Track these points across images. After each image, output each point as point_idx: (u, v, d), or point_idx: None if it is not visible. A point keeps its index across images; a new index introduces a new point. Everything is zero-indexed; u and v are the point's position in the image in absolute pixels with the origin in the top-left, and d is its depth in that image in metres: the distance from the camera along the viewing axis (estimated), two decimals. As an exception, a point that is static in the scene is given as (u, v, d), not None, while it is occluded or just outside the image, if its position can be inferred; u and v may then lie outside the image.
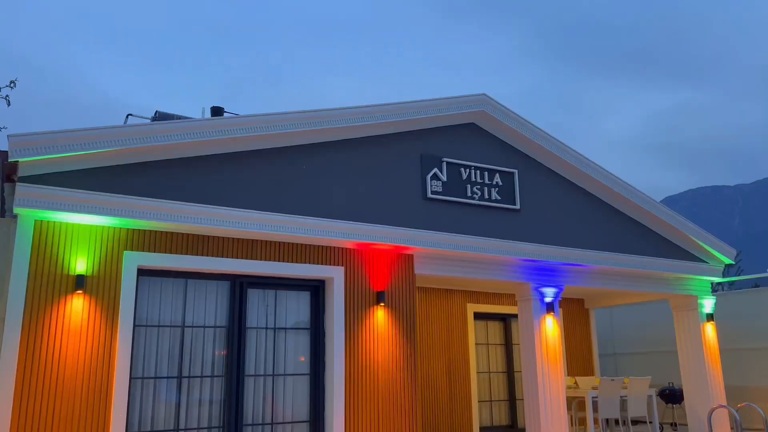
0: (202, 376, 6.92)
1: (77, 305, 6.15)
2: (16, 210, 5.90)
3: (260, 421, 7.14)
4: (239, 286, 7.29)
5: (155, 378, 6.68)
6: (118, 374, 6.19)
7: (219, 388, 6.99)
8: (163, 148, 6.60)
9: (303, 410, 7.43)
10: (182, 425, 6.70)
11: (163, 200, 6.45)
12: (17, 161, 5.82)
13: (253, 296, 7.43)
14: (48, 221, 6.17)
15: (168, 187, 6.58)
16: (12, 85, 10.96)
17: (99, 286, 6.30)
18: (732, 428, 10.83)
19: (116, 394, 6.15)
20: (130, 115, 10.22)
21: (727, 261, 10.92)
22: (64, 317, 6.07)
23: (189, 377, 6.85)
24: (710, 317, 10.86)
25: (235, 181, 6.98)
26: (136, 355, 6.61)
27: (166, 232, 6.74)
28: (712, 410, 8.25)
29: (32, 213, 6.02)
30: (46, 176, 5.99)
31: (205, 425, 6.82)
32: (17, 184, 5.83)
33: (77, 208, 6.05)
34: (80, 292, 6.18)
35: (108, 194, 6.19)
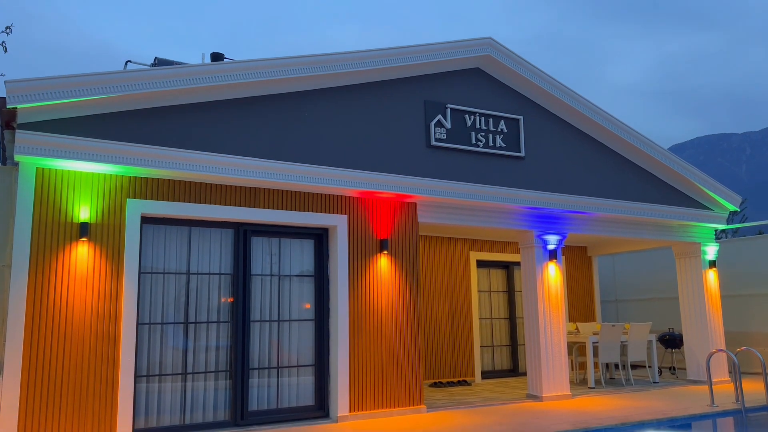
0: (208, 322, 7.03)
1: (82, 253, 6.19)
2: (17, 157, 5.87)
3: (266, 365, 7.29)
4: (243, 234, 7.31)
5: (162, 324, 6.79)
6: (125, 320, 6.29)
7: (225, 334, 7.11)
8: (164, 95, 6.50)
9: (308, 355, 7.57)
10: (190, 369, 6.85)
11: (166, 148, 6.40)
12: (15, 108, 5.76)
13: (257, 244, 7.46)
14: (49, 169, 6.14)
15: (170, 135, 6.51)
16: (8, 30, 10.75)
17: (103, 233, 6.32)
18: (730, 372, 11.02)
19: (124, 340, 6.26)
20: (129, 61, 10.03)
21: (732, 208, 10.88)
22: (69, 264, 6.12)
23: (195, 323, 6.96)
24: (713, 264, 10.91)
25: (237, 128, 6.90)
26: (143, 302, 6.70)
27: (169, 180, 6.72)
28: (711, 354, 8.37)
29: (33, 161, 5.98)
30: (46, 123, 5.93)
31: (212, 369, 6.97)
32: (16, 131, 5.78)
33: (78, 156, 6.01)
34: (84, 239, 6.21)
35: (110, 142, 6.14)
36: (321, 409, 7.47)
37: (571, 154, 9.42)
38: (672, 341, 11.96)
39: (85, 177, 6.31)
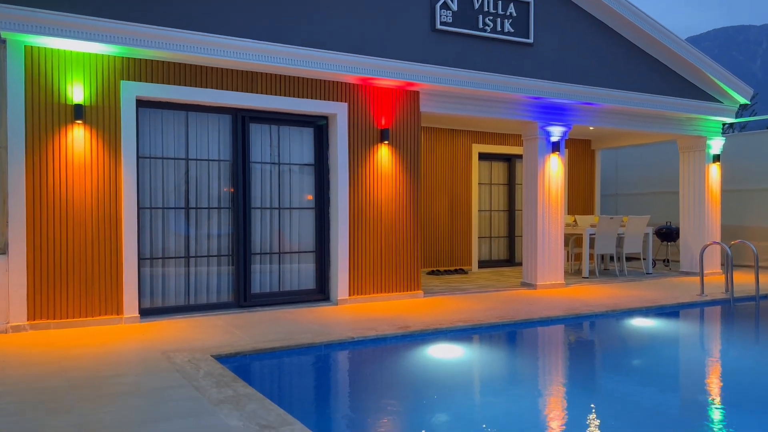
0: (209, 208, 7.08)
1: (78, 135, 6.11)
2: (3, 34, 5.63)
3: (268, 251, 7.43)
4: (241, 120, 7.18)
5: (163, 208, 6.84)
6: (125, 204, 6.33)
7: (227, 220, 7.19)
8: (151, -31, 6.13)
9: (309, 241, 7.70)
10: (192, 253, 6.99)
11: (160, 27, 6.13)
12: (-4, -19, 5.44)
13: (256, 131, 7.35)
14: (39, 48, 5.92)
15: (165, 14, 6.22)
16: None
17: (98, 116, 6.21)
18: (722, 265, 11.27)
19: (126, 223, 6.33)
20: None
21: (743, 101, 10.62)
22: (66, 147, 6.06)
23: (196, 208, 7.02)
24: (717, 158, 10.83)
25: (235, 7, 6.57)
26: (143, 187, 6.71)
27: (164, 62, 6.50)
28: (705, 246, 8.50)
29: (20, 38, 5.75)
30: (30, -2, 5.63)
31: (214, 253, 7.11)
32: (0, 5, 5.50)
33: (68, 34, 5.77)
34: (80, 122, 6.11)
35: (101, 19, 5.86)
36: (322, 292, 7.71)
37: (581, 41, 9.05)
38: (668, 234, 12.13)
39: (77, 57, 6.09)
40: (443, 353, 5.47)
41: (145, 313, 6.65)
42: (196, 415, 3.50)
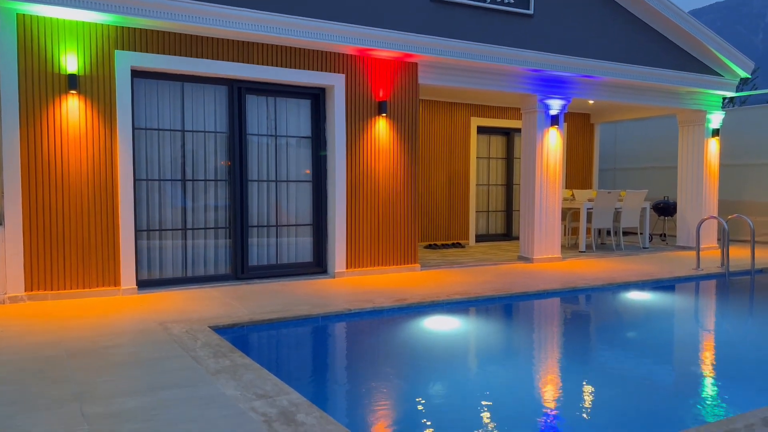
0: (206, 180, 7.05)
1: (73, 106, 6.05)
2: (-6, 2, 5.54)
3: (265, 223, 7.43)
4: (237, 91, 7.11)
5: (159, 180, 6.81)
6: (121, 175, 6.30)
7: (224, 193, 7.17)
8: (145, -65, 6.00)
9: (306, 214, 7.69)
10: (189, 225, 6.98)
11: (151, -5, 6.03)
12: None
13: (252, 102, 7.29)
14: (31, 16, 5.83)
15: (154, -19, 6.11)
16: None
17: (93, 86, 6.14)
18: (719, 239, 11.30)
19: (122, 195, 6.31)
20: None
21: (744, 75, 10.54)
22: (61, 118, 6.01)
23: (193, 180, 6.99)
24: (716, 133, 10.78)
25: (226, -25, 6.46)
26: (139, 158, 6.67)
27: (159, 32, 6.41)
28: (702, 220, 8.52)
29: (12, 5, 5.66)
30: (21, -35, 5.53)
31: (212, 225, 7.11)
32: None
33: (60, 1, 5.68)
34: (74, 92, 6.04)
35: (90, -13, 5.76)
36: (319, 265, 7.73)
37: (581, 13, 8.93)
38: (666, 209, 12.14)
39: (70, 25, 6.00)
40: (439, 325, 5.51)
41: (143, 284, 6.66)
42: (193, 385, 3.53)
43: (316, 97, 7.64)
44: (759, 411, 3.10)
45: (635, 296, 7.00)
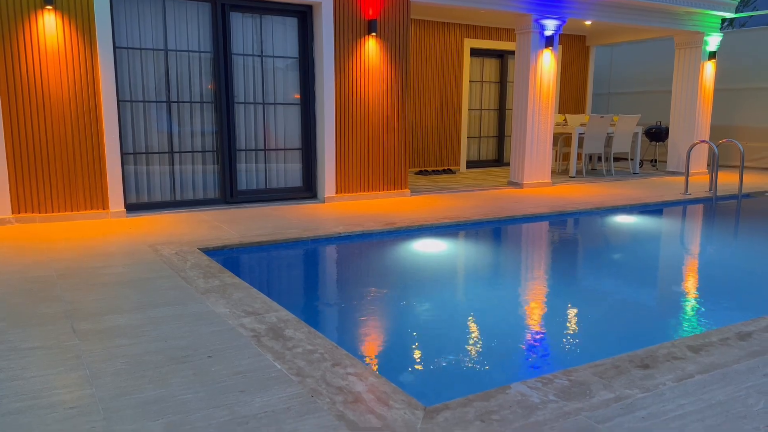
0: (191, 102, 6.90)
1: (50, 23, 5.81)
2: None
3: (253, 147, 7.34)
4: (221, 8, 6.84)
5: (144, 102, 6.65)
6: (104, 96, 6.14)
7: (210, 116, 7.03)
8: None
9: (295, 138, 7.59)
10: (176, 148, 6.88)
11: None
12: None
13: (237, 20, 7.03)
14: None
15: None
16: None
17: (69, 1, 5.87)
18: (708, 165, 11.32)
19: (106, 117, 6.17)
20: None
21: (745, -5, 10.22)
22: (38, 36, 5.78)
23: (178, 102, 6.83)
24: (712, 55, 10.59)
25: None
26: (122, 79, 6.48)
27: (134, -57, 6.08)
28: (693, 145, 8.49)
29: None
30: None
31: (199, 149, 7.01)
32: None
33: None
34: (50, 7, 5.79)
35: None
36: (308, 190, 7.70)
37: (582, -74, 8.53)
38: (658, 134, 12.08)
39: (40, -64, 5.67)
40: (428, 248, 5.56)
41: (132, 208, 6.64)
42: (183, 303, 3.58)
43: (303, 15, 7.37)
44: (734, 326, 3.18)
45: (622, 220, 7.06)
